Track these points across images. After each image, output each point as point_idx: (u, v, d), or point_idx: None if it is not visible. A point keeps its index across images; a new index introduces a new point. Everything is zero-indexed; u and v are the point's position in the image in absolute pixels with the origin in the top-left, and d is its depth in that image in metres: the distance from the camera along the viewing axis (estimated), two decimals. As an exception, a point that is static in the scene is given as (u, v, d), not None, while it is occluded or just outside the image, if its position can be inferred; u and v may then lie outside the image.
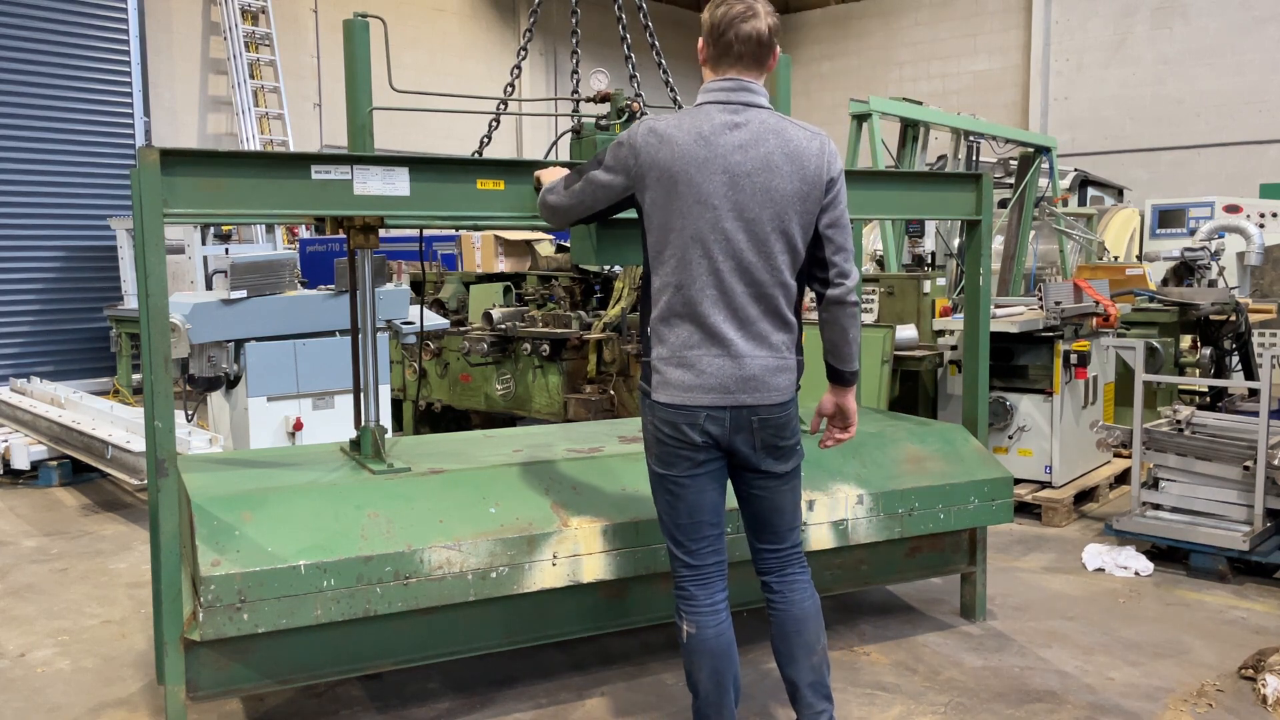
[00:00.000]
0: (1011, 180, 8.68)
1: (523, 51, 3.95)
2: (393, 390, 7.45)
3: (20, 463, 6.57)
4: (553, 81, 17.54)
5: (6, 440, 6.80)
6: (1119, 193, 13.55)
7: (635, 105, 3.52)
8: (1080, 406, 5.92)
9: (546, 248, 7.95)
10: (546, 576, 3.13)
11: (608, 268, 7.07)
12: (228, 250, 9.73)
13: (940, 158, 10.18)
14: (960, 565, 4.08)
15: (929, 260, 8.89)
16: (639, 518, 3.26)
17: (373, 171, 3.00)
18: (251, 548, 2.82)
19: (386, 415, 6.16)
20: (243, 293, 5.68)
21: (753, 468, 2.77)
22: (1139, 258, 10.56)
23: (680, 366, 2.68)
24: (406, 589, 2.95)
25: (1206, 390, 7.11)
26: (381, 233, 3.47)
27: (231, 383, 5.76)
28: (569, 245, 4.04)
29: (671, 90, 4.09)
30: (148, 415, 2.91)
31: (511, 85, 3.90)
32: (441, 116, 13.64)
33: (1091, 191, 12.51)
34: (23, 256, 10.13)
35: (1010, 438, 5.81)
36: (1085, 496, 5.86)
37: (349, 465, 3.43)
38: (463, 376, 7.51)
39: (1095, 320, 5.92)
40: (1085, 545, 5.00)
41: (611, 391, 6.59)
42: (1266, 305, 8.21)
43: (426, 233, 6.84)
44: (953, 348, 5.98)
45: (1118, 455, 6.27)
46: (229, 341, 5.66)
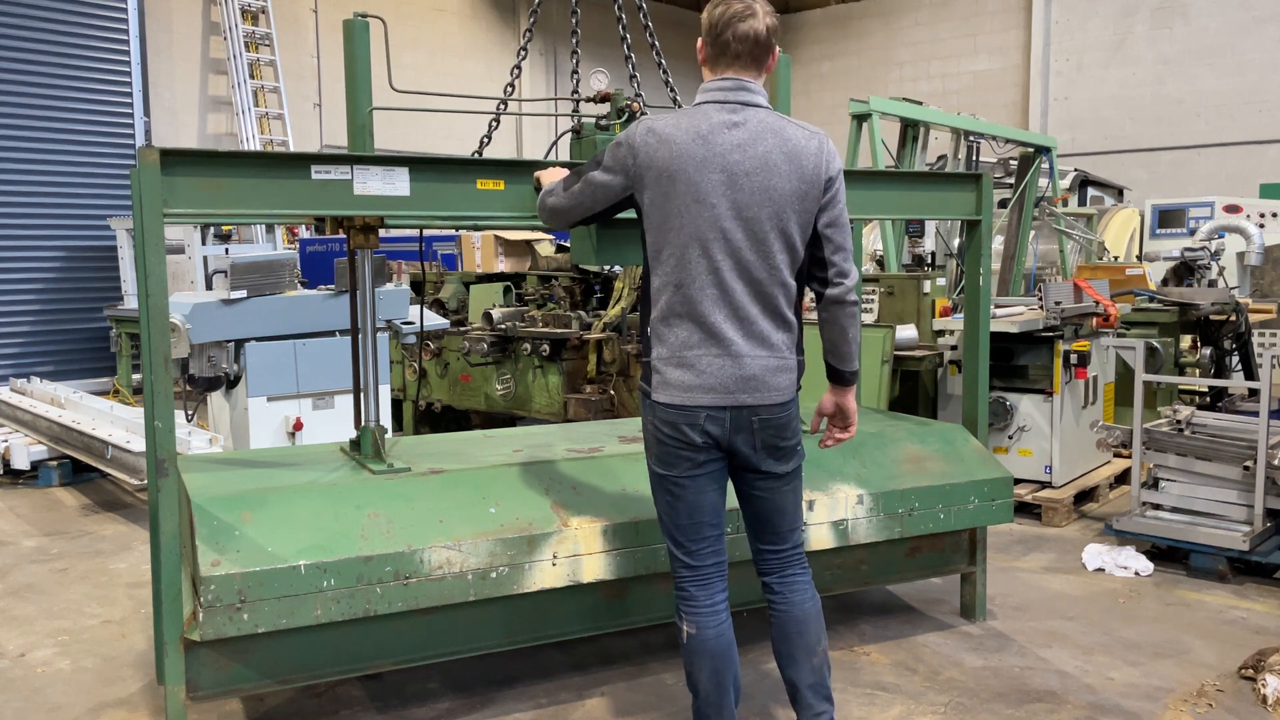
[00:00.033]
0: (1011, 180, 8.68)
1: (523, 51, 3.95)
2: (393, 390, 7.45)
3: (20, 463, 6.57)
4: (553, 81, 17.54)
5: (6, 440, 6.80)
6: (1119, 193, 13.55)
7: (635, 105, 3.52)
8: (1080, 406, 5.92)
9: (546, 248, 7.95)
10: (546, 576, 3.13)
11: (608, 268, 7.07)
12: (228, 250, 9.73)
13: (940, 158, 10.18)
14: (960, 565, 4.08)
15: (929, 260, 8.89)
16: (639, 518, 3.26)
17: (373, 171, 3.00)
18: (251, 548, 2.82)
19: (386, 415, 6.16)
20: (243, 293, 5.68)
21: (753, 468, 2.77)
22: (1139, 258, 10.56)
23: (680, 367, 2.68)
24: (406, 589, 2.95)
25: (1206, 390, 7.11)
26: (381, 233, 3.47)
27: (231, 383, 5.76)
28: (569, 245, 4.03)
29: (671, 90, 4.09)
30: (148, 415, 2.91)
31: (511, 85, 3.90)
32: (441, 116, 13.64)
33: (1091, 191, 12.51)
34: (23, 256, 10.13)
35: (1010, 438, 5.81)
36: (1085, 496, 5.86)
37: (349, 465, 3.43)
38: (463, 376, 7.51)
39: (1095, 320, 5.92)
40: (1085, 545, 5.00)
41: (611, 391, 6.59)
42: (1266, 305, 8.21)
43: (426, 233, 6.84)
44: (953, 348, 5.98)
45: (1118, 455, 6.27)
46: (229, 341, 5.66)
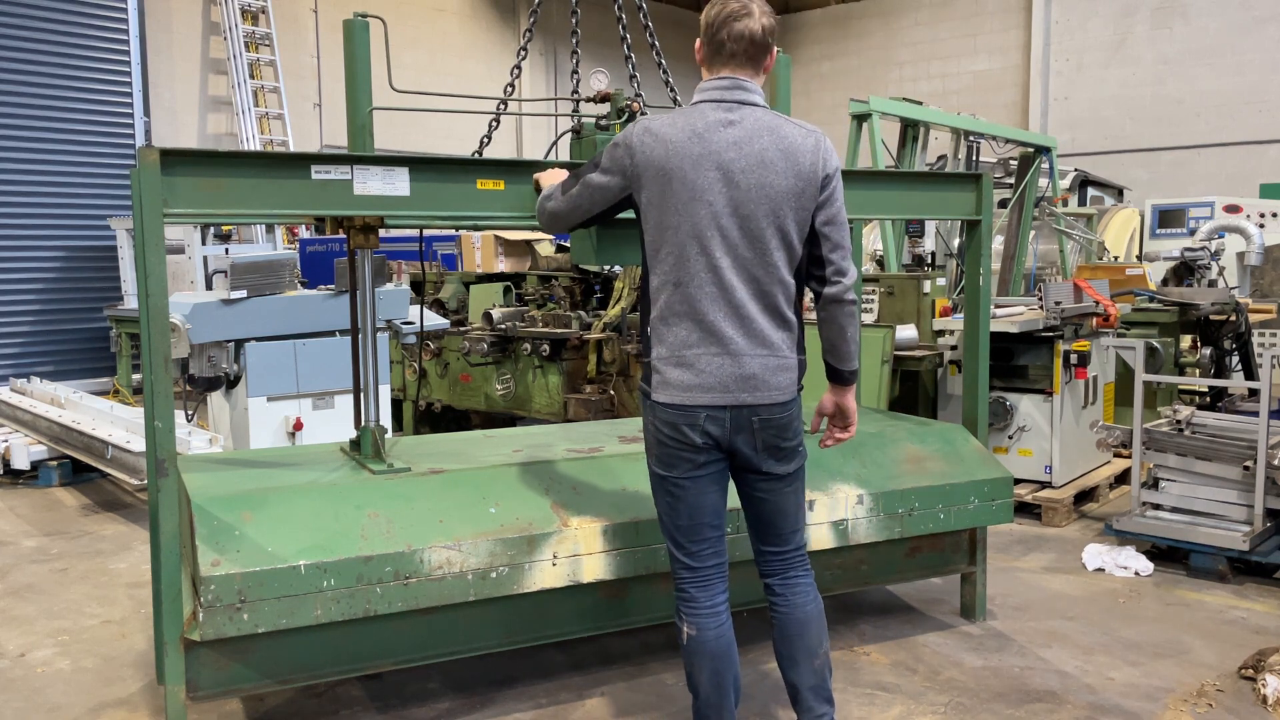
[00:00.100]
0: (1011, 180, 8.68)
1: (523, 51, 3.95)
2: (393, 390, 7.45)
3: (20, 463, 6.57)
4: (553, 81, 17.54)
5: (6, 440, 6.80)
6: (1119, 193, 13.55)
7: (635, 105, 3.52)
8: (1080, 406, 5.92)
9: (546, 248, 7.95)
10: (546, 576, 3.13)
11: (608, 268, 7.08)
12: (228, 250, 9.73)
13: (940, 158, 10.18)
14: (960, 565, 4.08)
15: (929, 260, 8.89)
16: (639, 518, 3.26)
17: (373, 171, 3.00)
18: (251, 548, 2.82)
19: (386, 415, 6.16)
20: (243, 293, 5.68)
21: (754, 469, 2.76)
22: (1139, 258, 10.56)
23: (679, 366, 2.67)
24: (406, 589, 2.95)
25: (1206, 390, 7.11)
26: (381, 233, 3.47)
27: (231, 383, 5.76)
28: (569, 245, 4.03)
29: (671, 90, 4.09)
30: (148, 415, 2.91)
31: (511, 85, 3.90)
32: (441, 116, 13.64)
33: (1091, 191, 12.51)
34: (23, 256, 10.13)
35: (1010, 438, 5.81)
36: (1085, 496, 5.86)
37: (349, 465, 3.43)
38: (463, 376, 7.51)
39: (1095, 320, 5.92)
40: (1085, 545, 5.00)
41: (611, 391, 6.59)
42: (1266, 305, 8.21)
43: (426, 233, 6.84)
44: (953, 348, 5.98)
45: (1118, 455, 6.27)
46: (229, 341, 5.66)
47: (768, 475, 2.78)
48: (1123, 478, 6.19)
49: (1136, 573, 4.71)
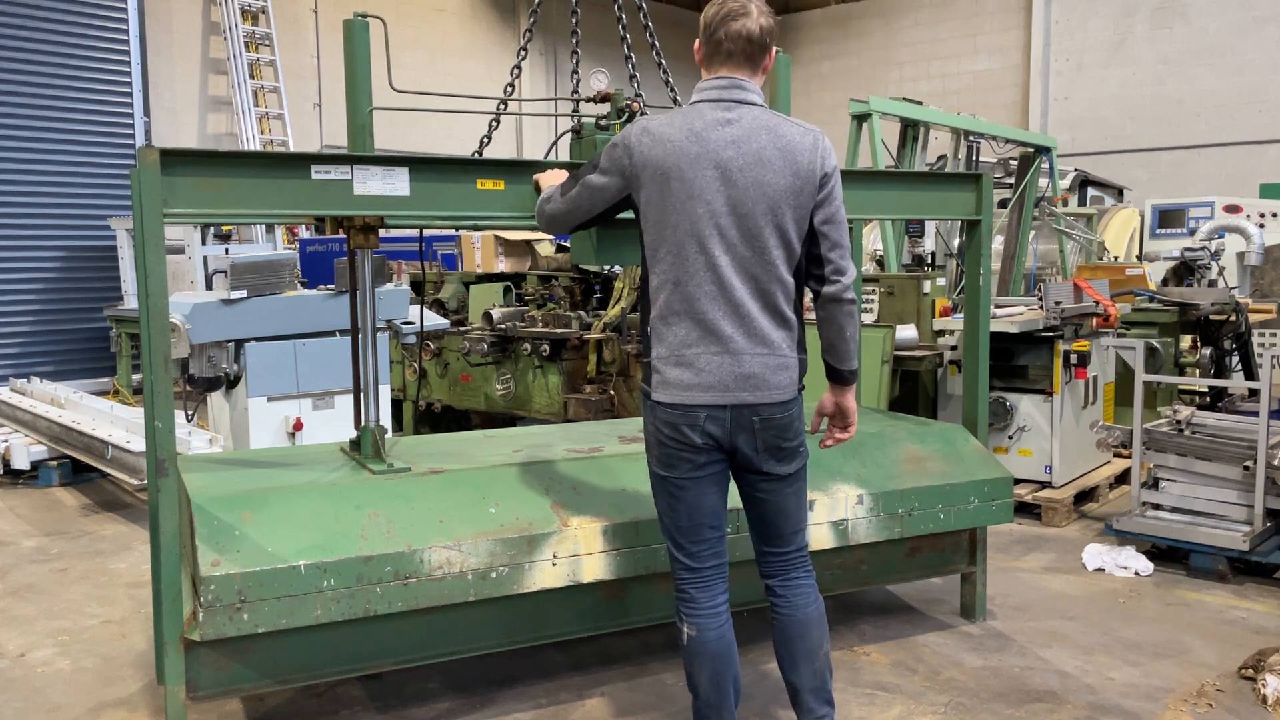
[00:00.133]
0: (1011, 180, 8.69)
1: (523, 51, 3.95)
2: (393, 390, 7.45)
3: (20, 463, 6.57)
4: (553, 81, 17.54)
5: (6, 440, 6.80)
6: (1119, 193, 13.55)
7: (635, 105, 3.52)
8: (1080, 406, 5.92)
9: (546, 248, 7.96)
10: (546, 576, 3.13)
11: (608, 268, 7.08)
12: (228, 250, 9.73)
13: (940, 158, 10.18)
14: (960, 565, 4.08)
15: (929, 260, 8.89)
16: (639, 518, 3.26)
17: (373, 171, 3.00)
18: (251, 548, 2.82)
19: (386, 415, 6.16)
20: (243, 293, 5.68)
21: (755, 469, 2.76)
22: (1139, 258, 10.56)
23: (679, 365, 2.67)
24: (406, 589, 2.95)
25: (1206, 390, 7.11)
26: (381, 233, 3.47)
27: (231, 383, 5.76)
28: (569, 245, 4.03)
29: (671, 90, 4.09)
30: (148, 415, 2.91)
31: (511, 85, 3.90)
32: (441, 116, 13.64)
33: (1091, 191, 12.51)
34: (23, 256, 10.13)
35: (1010, 438, 5.81)
36: (1085, 496, 5.86)
37: (349, 465, 3.43)
38: (463, 376, 7.51)
39: (1095, 320, 5.92)
40: (1085, 545, 5.00)
41: (611, 391, 6.59)
42: (1266, 305, 8.21)
43: (426, 233, 6.84)
44: (953, 348, 5.98)
45: (1118, 455, 6.27)
46: (229, 341, 5.66)
47: (769, 475, 2.77)
48: (1123, 478, 6.19)
49: (1136, 573, 4.71)
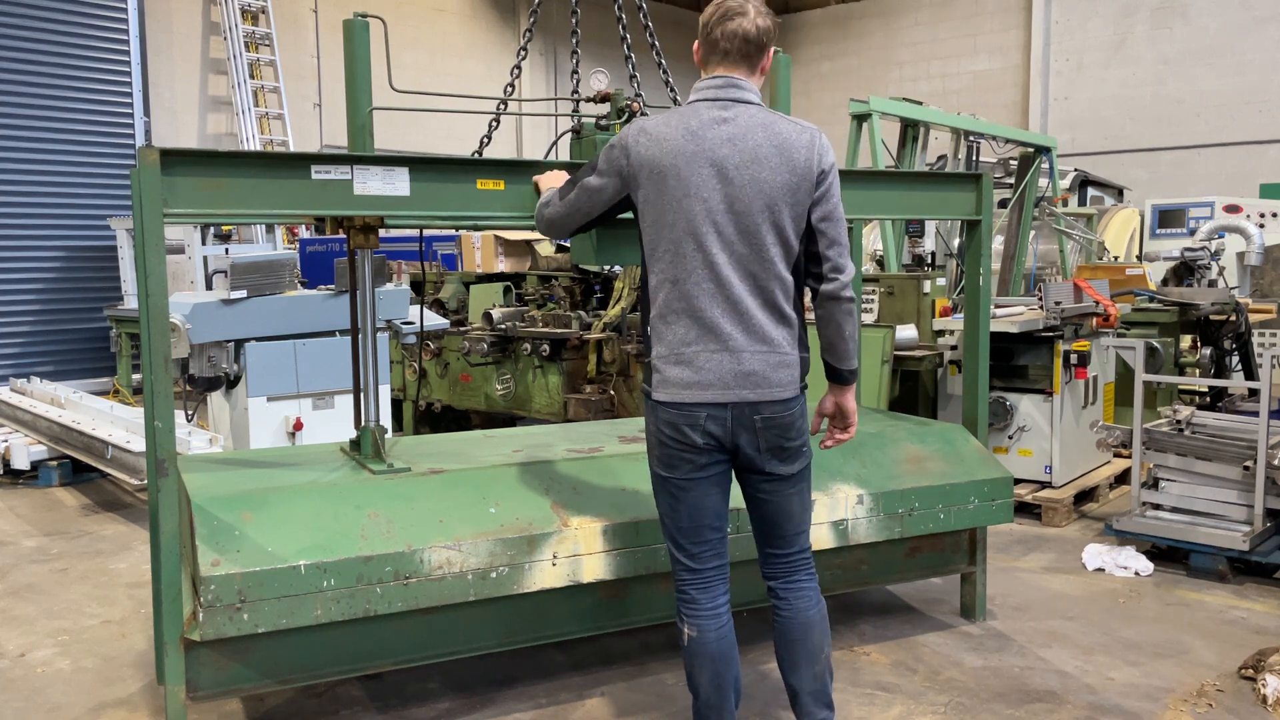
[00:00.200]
0: (1011, 180, 8.68)
1: (523, 51, 3.95)
2: (393, 390, 7.45)
3: (20, 463, 6.57)
4: (553, 81, 17.54)
5: (6, 440, 6.80)
6: (1119, 193, 13.55)
7: (635, 105, 3.52)
8: (1080, 406, 5.92)
9: (546, 248, 7.95)
10: (546, 576, 3.13)
11: (608, 268, 7.08)
12: (228, 250, 9.73)
13: (940, 158, 10.18)
14: (960, 565, 4.08)
15: (929, 260, 8.89)
16: (639, 518, 3.26)
17: (373, 171, 3.00)
18: (251, 548, 2.82)
19: (386, 415, 6.16)
20: (243, 293, 5.68)
21: (758, 469, 2.75)
22: (1139, 258, 10.56)
23: (679, 364, 2.67)
24: (406, 589, 2.95)
25: (1206, 390, 7.11)
26: (381, 233, 3.47)
27: (231, 383, 5.76)
28: (569, 245, 4.04)
29: (671, 90, 4.09)
30: (148, 415, 2.91)
31: (511, 85, 3.90)
32: (441, 116, 13.64)
33: (1091, 191, 12.51)
34: (23, 256, 10.13)
35: (1010, 438, 5.81)
36: (1085, 496, 5.86)
37: (349, 465, 3.43)
38: (463, 376, 7.51)
39: (1095, 320, 5.92)
40: (1085, 545, 5.00)
41: (611, 391, 6.59)
42: (1266, 305, 8.21)
43: (426, 233, 6.84)
44: (953, 348, 5.98)
45: (1118, 455, 6.27)
46: (229, 341, 5.66)
47: (771, 476, 2.77)
48: (1123, 478, 6.19)
49: (1136, 573, 4.71)
